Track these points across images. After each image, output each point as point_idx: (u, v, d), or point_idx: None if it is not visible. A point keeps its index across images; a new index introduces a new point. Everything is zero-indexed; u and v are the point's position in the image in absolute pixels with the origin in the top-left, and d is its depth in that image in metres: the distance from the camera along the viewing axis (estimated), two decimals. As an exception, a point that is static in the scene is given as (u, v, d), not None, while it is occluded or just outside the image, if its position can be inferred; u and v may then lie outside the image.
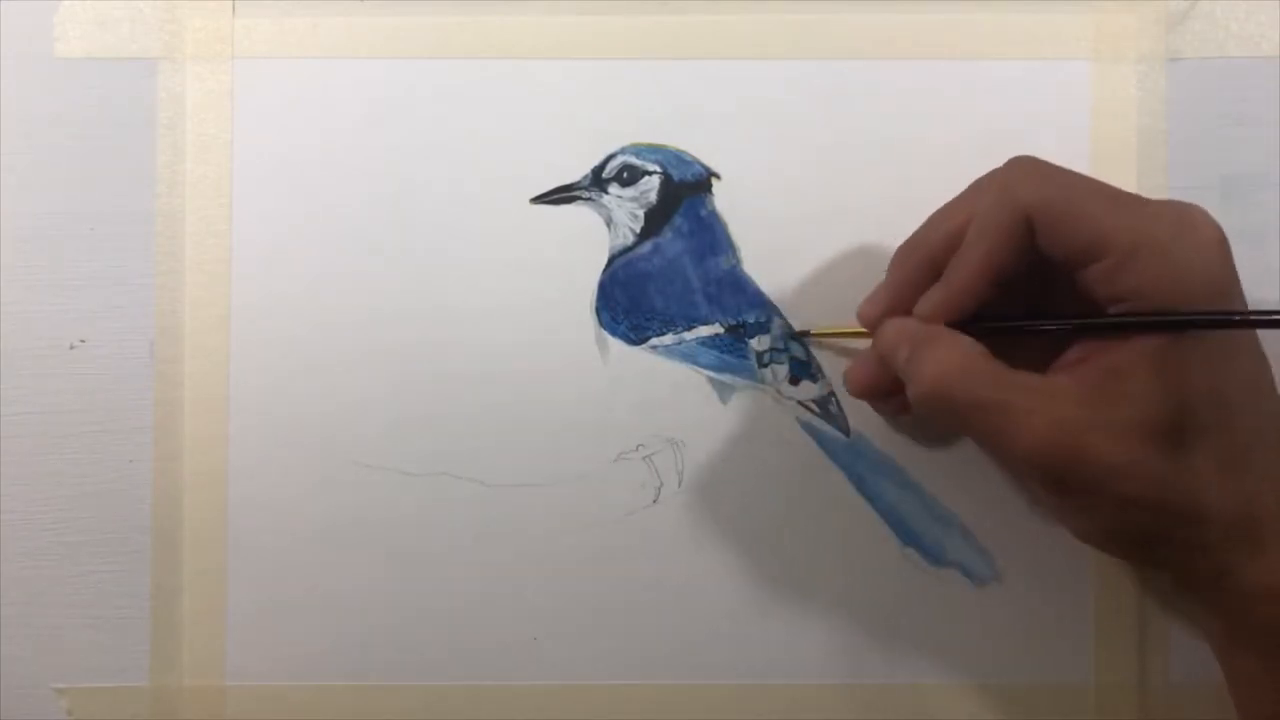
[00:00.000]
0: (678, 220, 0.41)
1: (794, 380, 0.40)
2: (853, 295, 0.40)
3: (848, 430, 0.40)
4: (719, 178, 0.40)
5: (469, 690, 0.40)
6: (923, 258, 0.35)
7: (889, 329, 0.35)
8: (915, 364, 0.33)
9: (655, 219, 0.40)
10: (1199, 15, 0.41)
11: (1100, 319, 0.32)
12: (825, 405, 0.40)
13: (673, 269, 0.40)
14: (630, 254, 0.40)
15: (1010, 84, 0.40)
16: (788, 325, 0.40)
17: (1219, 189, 0.40)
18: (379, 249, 0.40)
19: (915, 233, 0.36)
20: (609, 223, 0.41)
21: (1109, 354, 0.32)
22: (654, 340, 0.40)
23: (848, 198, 0.40)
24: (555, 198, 0.40)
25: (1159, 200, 0.33)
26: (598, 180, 0.40)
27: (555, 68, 0.41)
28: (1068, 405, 0.31)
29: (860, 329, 0.37)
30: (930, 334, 0.34)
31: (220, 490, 0.40)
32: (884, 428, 0.40)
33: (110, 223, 0.41)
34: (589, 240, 0.41)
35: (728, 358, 0.40)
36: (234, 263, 0.41)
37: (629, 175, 0.40)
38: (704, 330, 0.40)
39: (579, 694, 0.40)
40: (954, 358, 0.32)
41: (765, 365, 0.40)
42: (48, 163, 0.41)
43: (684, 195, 0.40)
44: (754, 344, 0.40)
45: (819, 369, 0.40)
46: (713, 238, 0.40)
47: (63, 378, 0.41)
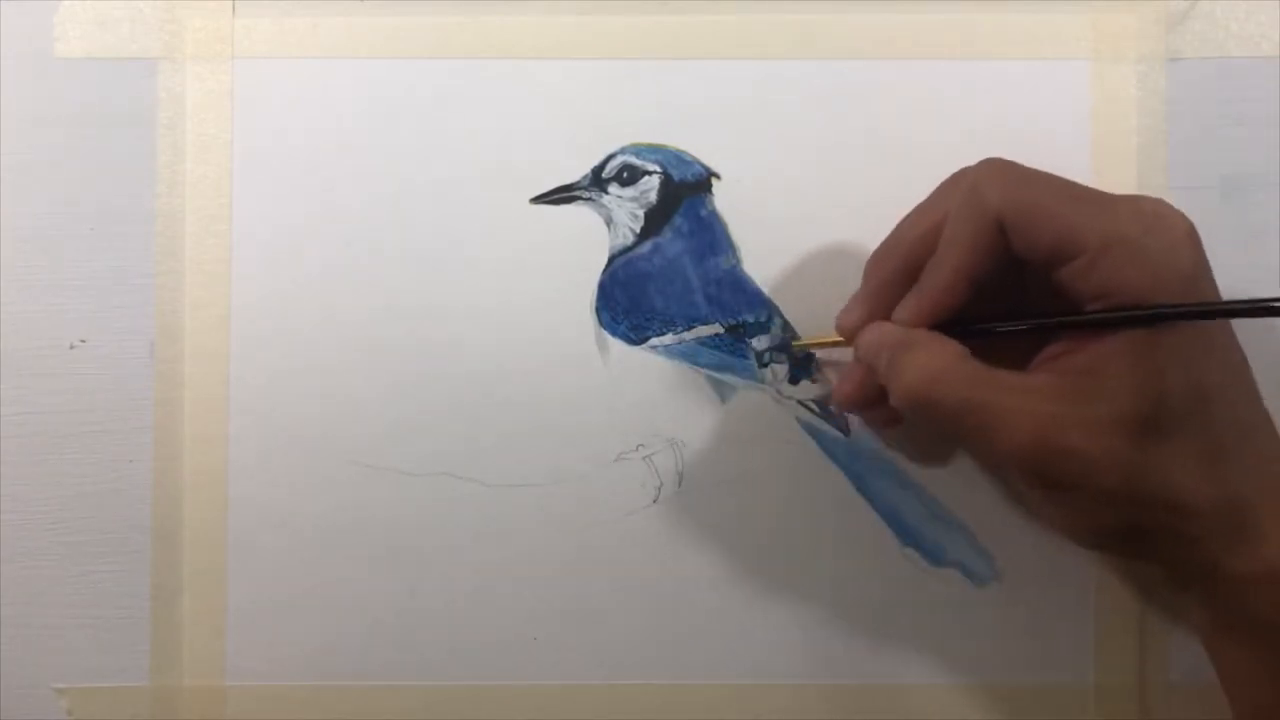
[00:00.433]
0: (678, 220, 0.41)
1: (794, 380, 0.40)
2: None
3: (848, 430, 0.40)
4: (719, 178, 0.40)
5: (469, 690, 0.40)
6: (897, 263, 0.35)
7: (868, 335, 0.35)
8: (896, 368, 0.33)
9: (655, 219, 0.40)
10: (1199, 15, 0.41)
11: (1077, 317, 0.32)
12: (825, 405, 0.40)
13: (673, 269, 0.40)
14: (630, 254, 0.40)
15: (1010, 84, 0.40)
16: (788, 325, 0.40)
17: (1219, 189, 0.40)
18: (379, 249, 0.40)
19: (887, 238, 0.36)
20: (609, 223, 0.41)
21: (1086, 350, 0.32)
22: (654, 340, 0.40)
23: (848, 198, 0.40)
24: (555, 198, 0.40)
25: (1126, 196, 0.33)
26: (598, 180, 0.40)
27: (555, 68, 0.41)
28: (1046, 402, 0.31)
29: (830, 339, 0.38)
30: (909, 339, 0.34)
31: (220, 490, 0.40)
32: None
33: (110, 223, 0.41)
34: (589, 240, 0.41)
35: (728, 358, 0.40)
36: (234, 263, 0.41)
37: (629, 175, 0.40)
38: (704, 330, 0.40)
39: (579, 694, 0.40)
40: (934, 360, 0.33)
41: (765, 365, 0.40)
42: (48, 163, 0.41)
43: (684, 195, 0.40)
44: (754, 344, 0.40)
45: (819, 369, 0.40)
46: (713, 238, 0.40)
47: (63, 378, 0.41)
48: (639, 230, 0.41)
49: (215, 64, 0.41)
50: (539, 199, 0.40)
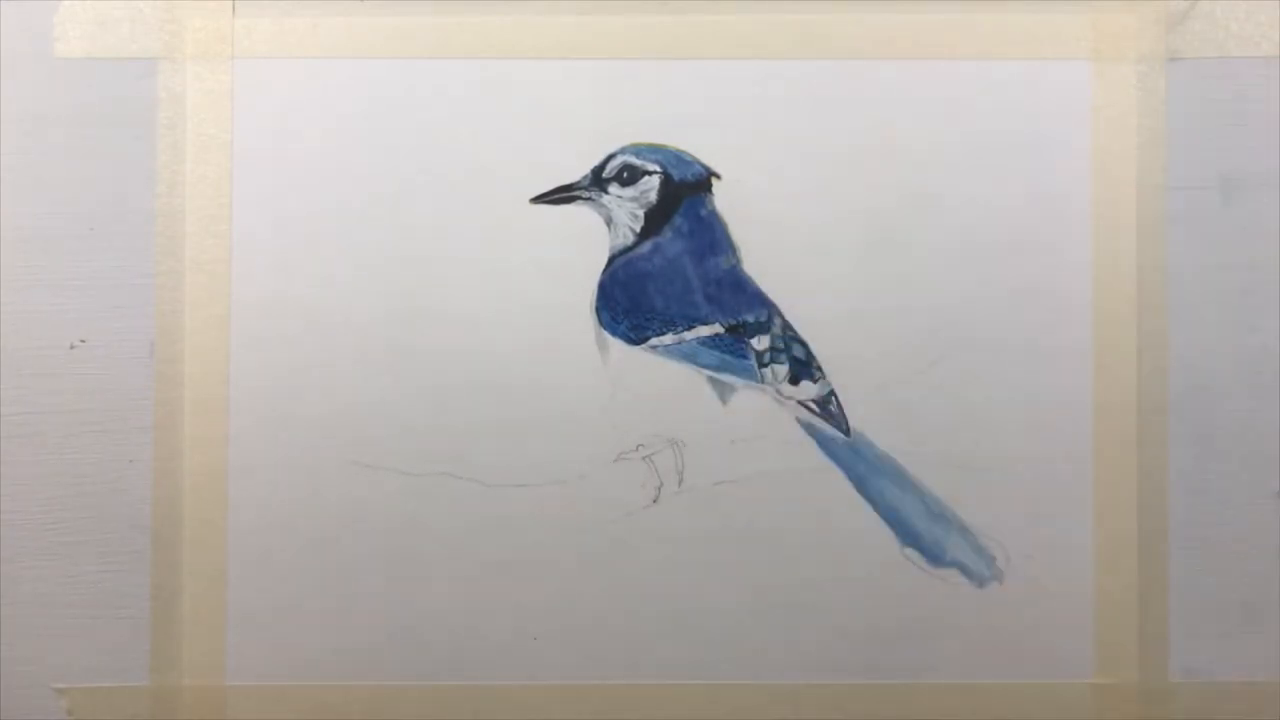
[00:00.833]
0: (678, 220, 0.41)
1: (794, 380, 0.40)
2: (852, 294, 0.40)
3: (848, 430, 0.40)
4: (719, 178, 0.40)
5: (469, 690, 0.40)
6: None
7: None
8: None
9: (655, 219, 0.40)
10: (1199, 15, 0.41)
11: None
12: (825, 405, 0.40)
13: (673, 269, 0.40)
14: (630, 254, 0.40)
15: (1010, 84, 0.40)
16: (788, 325, 0.40)
17: (1219, 189, 0.40)
18: (379, 249, 0.40)
19: None
20: (609, 223, 0.41)
21: None
22: (654, 340, 0.40)
23: (848, 198, 0.40)
24: (555, 198, 0.40)
25: None
26: (598, 180, 0.40)
27: (555, 68, 0.41)
28: None
29: None
30: None
31: (220, 490, 0.40)
32: (884, 428, 0.40)
33: (110, 223, 0.41)
34: (589, 240, 0.41)
35: (728, 357, 0.40)
36: (234, 263, 0.41)
37: (629, 175, 0.40)
38: (704, 330, 0.40)
39: (579, 694, 0.40)
40: None
41: (765, 365, 0.40)
42: (48, 163, 0.41)
43: (684, 195, 0.40)
44: (754, 344, 0.40)
45: (819, 369, 0.40)
46: (713, 238, 0.40)
47: (63, 378, 0.41)
48: (639, 230, 0.41)
49: (215, 64, 0.41)
50: (539, 199, 0.40)
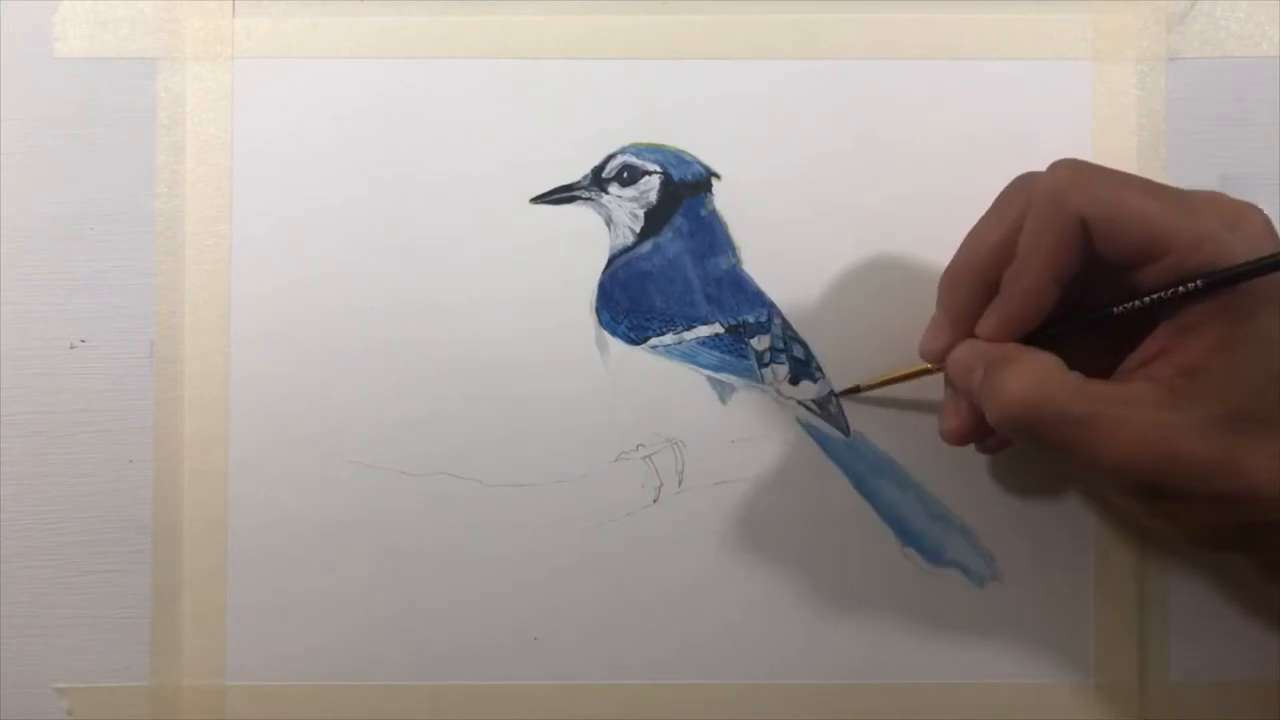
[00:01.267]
0: (678, 220, 0.41)
1: (794, 380, 0.40)
2: (852, 294, 0.40)
3: (848, 430, 0.40)
4: (719, 178, 0.40)
5: (469, 690, 0.40)
6: (974, 279, 0.35)
7: (959, 354, 0.35)
8: (993, 385, 0.32)
9: (655, 219, 0.40)
10: (1199, 15, 0.41)
11: (1166, 291, 0.32)
12: (825, 405, 0.40)
13: (673, 269, 0.40)
14: (630, 254, 0.40)
15: (1010, 84, 0.40)
16: (788, 325, 0.40)
17: (1219, 189, 0.40)
18: (379, 249, 0.40)
19: (956, 257, 0.36)
20: (609, 223, 0.41)
21: (1179, 350, 0.32)
22: (654, 340, 0.40)
23: (847, 198, 0.40)
24: (555, 198, 0.40)
25: (1201, 193, 0.33)
26: (598, 180, 0.40)
27: (555, 68, 0.41)
28: (1151, 409, 0.30)
29: (915, 369, 0.37)
30: (1003, 353, 0.33)
31: (220, 490, 0.40)
32: (884, 428, 0.40)
33: (110, 223, 0.41)
34: (589, 240, 0.41)
35: (728, 358, 0.40)
36: (234, 263, 0.41)
37: (629, 175, 0.40)
38: (704, 330, 0.40)
39: (579, 694, 0.40)
40: (1034, 374, 0.32)
41: (765, 365, 0.40)
42: (48, 163, 0.41)
43: (684, 195, 0.40)
44: (754, 344, 0.40)
45: (819, 369, 0.40)
46: (713, 238, 0.40)
47: (63, 378, 0.41)
48: (639, 230, 0.41)
49: (215, 64, 0.41)
50: (539, 199, 0.40)
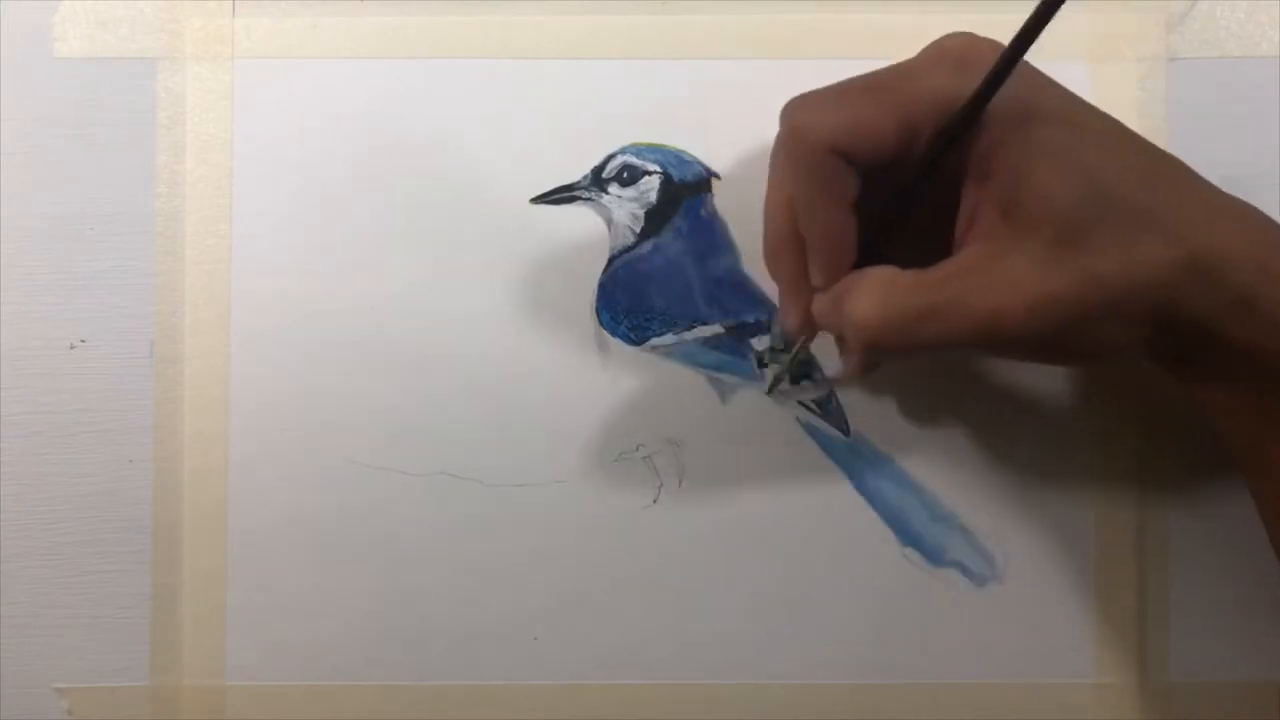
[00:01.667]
0: (678, 220, 0.41)
1: (794, 380, 0.40)
2: (853, 295, 0.40)
3: (848, 430, 0.40)
4: (719, 178, 0.40)
5: (469, 690, 0.40)
6: (788, 245, 0.35)
7: (817, 311, 0.35)
8: (847, 321, 0.33)
9: (655, 219, 0.40)
10: (1199, 15, 0.41)
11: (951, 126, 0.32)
12: (825, 405, 0.40)
13: (673, 269, 0.40)
14: (630, 254, 0.40)
15: (1010, 84, 0.40)
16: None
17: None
18: (379, 249, 0.40)
19: (764, 234, 0.36)
20: (609, 223, 0.41)
21: (985, 201, 0.32)
22: (654, 340, 0.40)
23: (848, 198, 0.40)
24: (555, 198, 0.40)
25: (919, 57, 0.33)
26: (598, 180, 0.40)
27: (555, 68, 0.41)
28: (989, 269, 0.31)
29: (801, 345, 0.38)
30: (841, 288, 0.33)
31: (220, 490, 0.40)
32: (884, 428, 0.40)
33: (110, 223, 0.41)
34: (589, 240, 0.41)
35: (728, 358, 0.40)
36: (234, 263, 0.41)
37: (629, 175, 0.40)
38: (704, 330, 0.40)
39: (579, 694, 0.40)
40: (872, 292, 0.32)
41: (765, 365, 0.40)
42: (48, 163, 0.41)
43: (684, 195, 0.40)
44: (754, 344, 0.40)
45: (819, 369, 0.40)
46: (713, 238, 0.40)
47: (63, 378, 0.41)
48: (639, 230, 0.40)
49: (215, 64, 0.41)
50: (539, 199, 0.40)
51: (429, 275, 0.40)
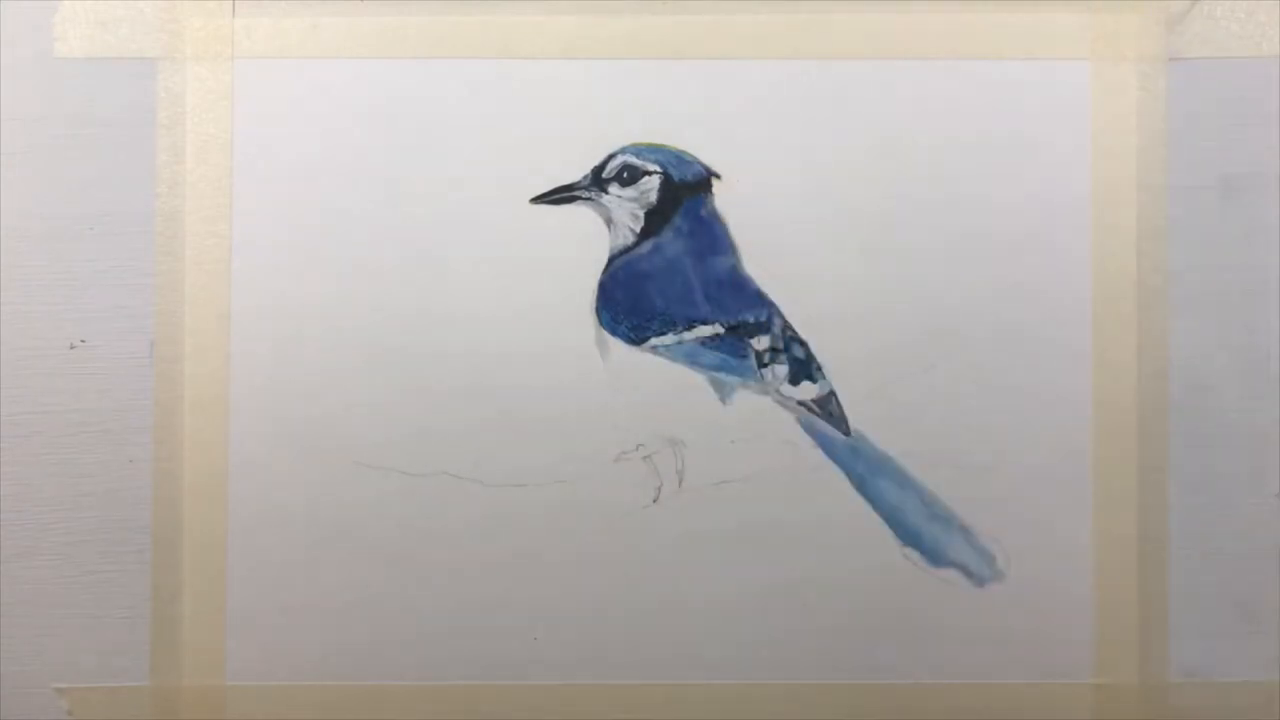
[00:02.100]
0: (678, 220, 0.40)
1: (794, 380, 0.40)
2: (852, 295, 0.40)
3: (848, 430, 0.40)
4: (719, 178, 0.40)
5: (469, 690, 0.40)
6: None
7: None
8: None
9: (655, 219, 0.40)
10: (1199, 15, 0.41)
11: None
12: (825, 405, 0.40)
13: (673, 269, 0.40)
14: (630, 254, 0.40)
15: (1010, 84, 0.40)
16: (788, 325, 0.40)
17: (1219, 189, 0.40)
18: (379, 249, 0.40)
19: None
20: (609, 223, 0.41)
21: None
22: (654, 340, 0.40)
23: (848, 197, 0.40)
24: (555, 198, 0.40)
25: None
26: (598, 180, 0.40)
27: (555, 68, 0.41)
28: None
29: None
30: None
31: (220, 490, 0.40)
32: (884, 428, 0.40)
33: (110, 223, 0.41)
34: (589, 240, 0.41)
35: (728, 358, 0.40)
36: (234, 262, 0.41)
37: (629, 175, 0.40)
38: (704, 330, 0.40)
39: (579, 694, 0.40)
40: None
41: (765, 365, 0.40)
42: (48, 163, 0.41)
43: (684, 195, 0.40)
44: (754, 344, 0.40)
45: (819, 369, 0.40)
46: (713, 238, 0.40)
47: (63, 378, 0.41)
48: (639, 230, 0.40)
49: (215, 64, 0.41)
50: (539, 199, 0.40)
51: (429, 275, 0.40)
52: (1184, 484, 0.40)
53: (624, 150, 0.40)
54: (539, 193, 0.40)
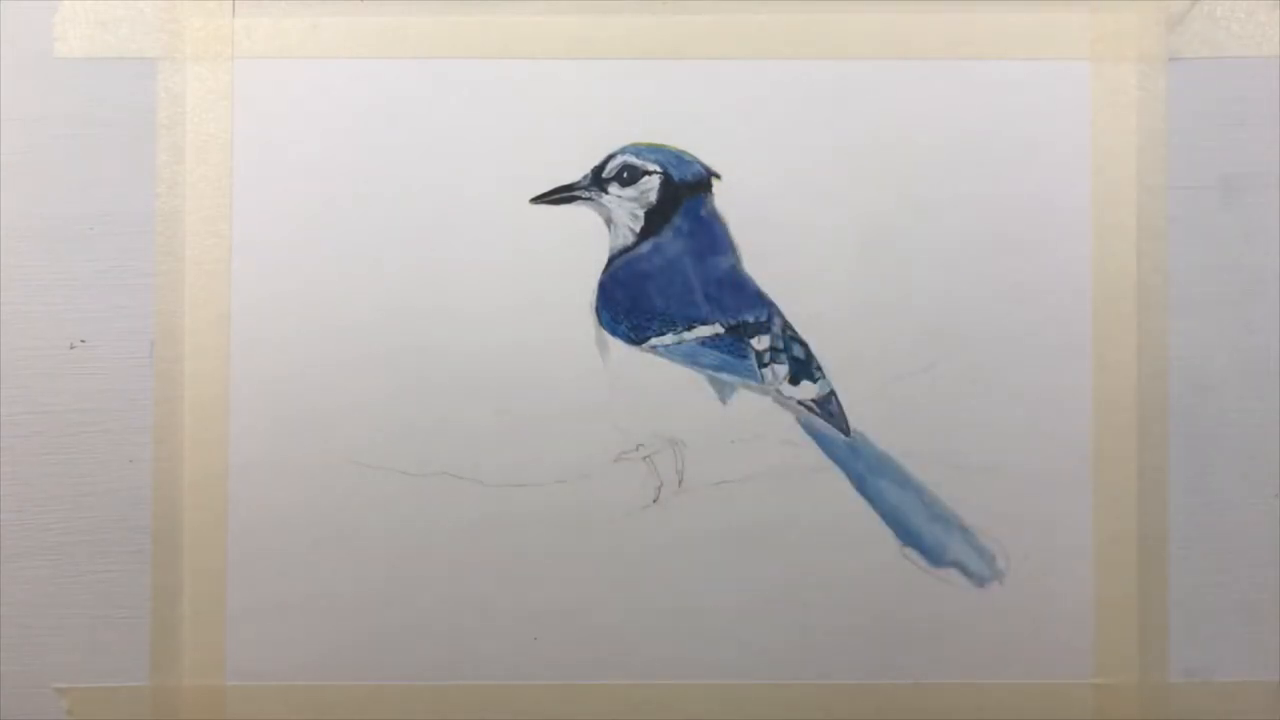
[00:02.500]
0: (678, 220, 0.41)
1: (794, 380, 0.40)
2: (852, 295, 0.40)
3: (848, 430, 0.40)
4: (719, 178, 0.40)
5: (469, 690, 0.40)
6: None
7: None
8: None
9: (655, 219, 0.40)
10: (1199, 15, 0.41)
11: None
12: (825, 405, 0.40)
13: (673, 269, 0.40)
14: (630, 254, 0.40)
15: (1010, 84, 0.40)
16: (788, 325, 0.40)
17: (1219, 189, 0.40)
18: (379, 249, 0.40)
19: None
20: (609, 223, 0.41)
21: None
22: (654, 340, 0.40)
23: (848, 197, 0.40)
24: (555, 198, 0.40)
25: None
26: (598, 180, 0.40)
27: (555, 68, 0.41)
28: None
29: None
30: None
31: (220, 490, 0.40)
32: (884, 428, 0.40)
33: (110, 223, 0.41)
34: (589, 240, 0.41)
35: (728, 358, 0.40)
36: (234, 263, 0.41)
37: (629, 175, 0.40)
38: (704, 330, 0.40)
39: (579, 694, 0.40)
40: None
41: (765, 365, 0.40)
42: (48, 163, 0.41)
43: (684, 195, 0.40)
44: (754, 344, 0.40)
45: (819, 369, 0.40)
46: (713, 238, 0.40)
47: (63, 378, 0.41)
48: (639, 230, 0.41)
49: (215, 64, 0.41)
50: (539, 199, 0.40)
51: (429, 275, 0.40)
52: (1184, 484, 0.40)
53: (624, 150, 0.40)
54: (539, 193, 0.40)
